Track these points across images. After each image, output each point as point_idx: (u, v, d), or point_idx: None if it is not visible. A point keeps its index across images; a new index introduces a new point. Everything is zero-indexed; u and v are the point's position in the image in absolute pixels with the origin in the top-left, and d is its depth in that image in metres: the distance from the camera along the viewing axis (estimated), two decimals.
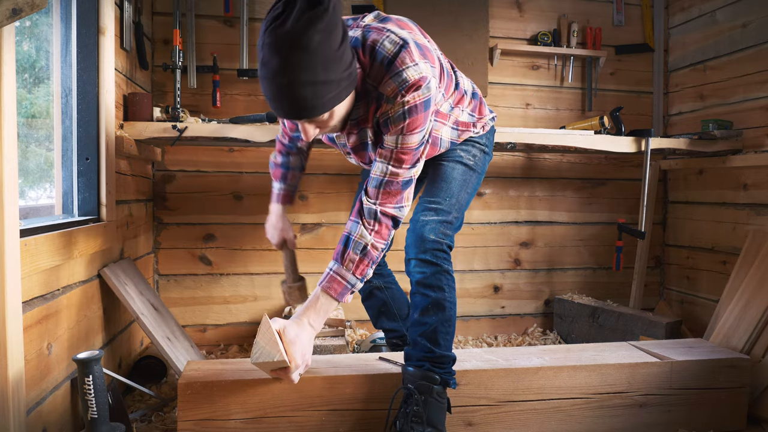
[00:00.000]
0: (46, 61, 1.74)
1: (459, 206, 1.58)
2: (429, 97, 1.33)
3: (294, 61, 1.13)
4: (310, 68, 1.14)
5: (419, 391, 1.39)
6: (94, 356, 1.33)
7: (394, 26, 1.38)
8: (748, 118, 2.48)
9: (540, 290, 2.92)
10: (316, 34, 1.12)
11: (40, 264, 1.35)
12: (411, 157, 1.37)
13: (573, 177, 2.93)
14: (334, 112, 1.28)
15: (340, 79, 1.21)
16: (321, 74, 1.16)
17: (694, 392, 1.70)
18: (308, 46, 1.12)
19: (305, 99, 1.17)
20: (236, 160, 2.60)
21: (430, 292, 1.47)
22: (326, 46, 1.14)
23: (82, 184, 1.82)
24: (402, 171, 1.38)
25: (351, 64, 1.24)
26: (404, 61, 1.29)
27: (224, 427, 1.44)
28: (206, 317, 2.61)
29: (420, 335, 1.45)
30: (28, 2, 1.03)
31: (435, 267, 1.47)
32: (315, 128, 1.31)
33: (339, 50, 1.18)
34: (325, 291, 1.37)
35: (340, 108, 1.29)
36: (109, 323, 1.90)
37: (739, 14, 2.53)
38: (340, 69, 1.20)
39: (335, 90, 1.21)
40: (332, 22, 1.14)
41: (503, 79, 2.83)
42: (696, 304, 2.77)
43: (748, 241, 2.28)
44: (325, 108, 1.22)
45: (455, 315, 1.50)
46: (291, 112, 1.22)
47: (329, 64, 1.17)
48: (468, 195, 1.63)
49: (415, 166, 1.41)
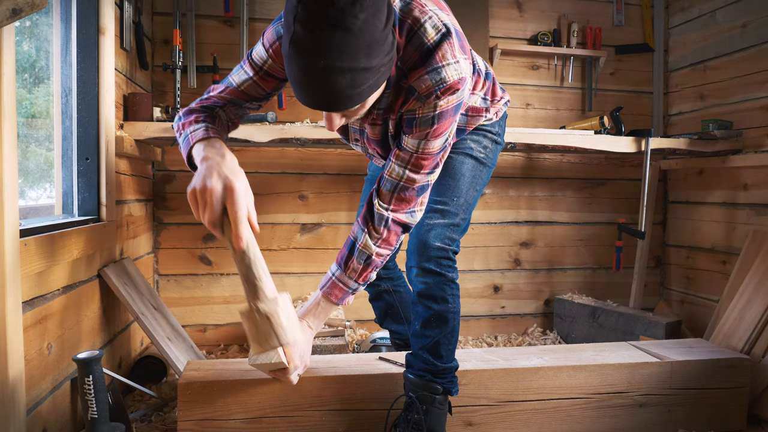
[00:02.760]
0: (46, 61, 1.74)
1: (467, 206, 1.45)
2: (462, 100, 1.22)
3: (335, 42, 0.94)
4: (352, 52, 0.96)
5: (421, 401, 1.37)
6: (94, 356, 1.33)
7: (435, 6, 1.20)
8: (748, 118, 2.48)
9: (540, 290, 2.92)
10: (361, 12, 0.94)
11: (40, 264, 1.35)
12: (431, 162, 1.26)
13: (573, 177, 2.93)
14: (367, 101, 1.12)
15: (381, 64, 1.03)
16: (363, 60, 0.98)
17: (694, 392, 1.70)
18: (352, 26, 0.94)
19: (342, 87, 0.99)
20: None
21: (432, 305, 1.38)
22: (371, 26, 0.96)
23: (82, 184, 1.82)
24: (420, 177, 1.27)
25: (393, 45, 1.06)
26: (445, 55, 1.13)
27: (224, 427, 1.44)
28: (206, 317, 2.61)
29: (422, 348, 1.40)
30: (28, 2, 1.03)
31: (439, 277, 1.38)
32: (341, 117, 1.14)
33: (384, 31, 1.00)
34: (325, 296, 1.35)
35: (373, 97, 1.12)
36: (109, 323, 1.90)
37: (739, 14, 2.53)
38: (382, 53, 1.02)
39: (374, 77, 1.03)
40: (380, 5, 0.99)
41: (503, 79, 2.83)
42: (696, 304, 2.77)
43: (748, 241, 2.28)
44: (362, 98, 1.05)
45: (459, 323, 1.43)
46: (322, 102, 1.03)
47: (373, 47, 0.98)
48: (476, 192, 1.48)
49: (434, 171, 1.30)
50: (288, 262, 2.66)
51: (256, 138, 2.16)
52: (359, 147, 1.50)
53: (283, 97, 2.55)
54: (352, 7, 0.93)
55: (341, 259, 1.34)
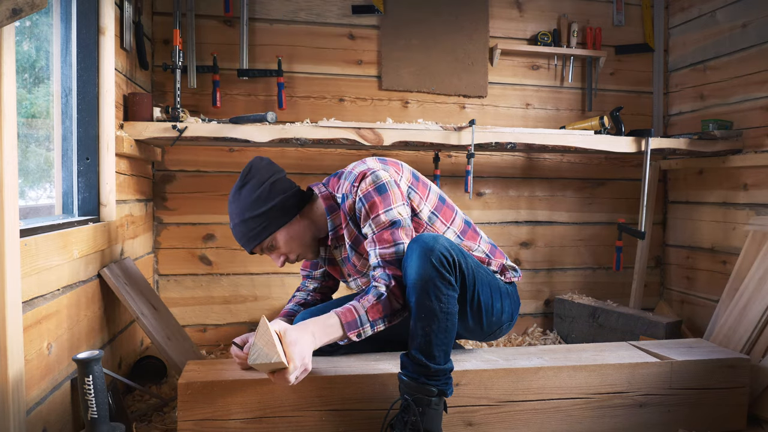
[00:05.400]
0: (46, 61, 1.74)
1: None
2: (381, 182, 1.49)
3: (232, 205, 1.56)
4: (239, 210, 1.53)
5: (416, 404, 1.38)
6: (94, 356, 1.33)
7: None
8: (748, 118, 2.48)
9: (540, 290, 2.92)
10: (242, 190, 1.55)
11: (40, 264, 1.35)
12: (391, 236, 1.46)
13: (573, 177, 2.93)
14: (277, 238, 1.55)
15: (266, 211, 1.52)
16: (246, 213, 1.52)
17: (694, 392, 1.70)
18: (236, 197, 1.55)
19: (242, 233, 1.55)
20: (236, 160, 2.60)
21: (424, 299, 1.37)
22: (249, 193, 1.53)
23: (82, 184, 1.82)
24: (390, 251, 1.46)
25: (279, 201, 1.54)
26: (354, 166, 1.59)
27: (224, 427, 1.44)
28: (206, 317, 2.61)
29: (415, 348, 1.39)
30: (28, 2, 1.03)
31: (435, 272, 1.37)
32: (278, 256, 1.60)
33: (260, 193, 1.53)
34: (336, 314, 1.37)
35: (282, 234, 1.55)
36: (109, 323, 1.90)
37: (739, 14, 2.53)
38: (263, 207, 1.52)
39: (263, 222, 1.52)
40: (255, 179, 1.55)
41: (503, 79, 2.83)
42: (696, 304, 2.77)
43: (748, 241, 2.28)
44: (260, 237, 1.53)
45: (454, 326, 1.41)
46: (244, 245, 1.57)
47: (252, 205, 1.52)
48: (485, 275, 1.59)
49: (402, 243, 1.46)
50: None
51: (256, 138, 2.16)
52: (353, 282, 1.70)
53: (283, 97, 2.56)
54: (237, 189, 1.55)
55: (359, 296, 1.44)
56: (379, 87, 2.72)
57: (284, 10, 2.63)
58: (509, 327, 1.71)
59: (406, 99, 2.75)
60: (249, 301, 2.64)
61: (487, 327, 1.62)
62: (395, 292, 1.42)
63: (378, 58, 2.72)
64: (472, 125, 2.31)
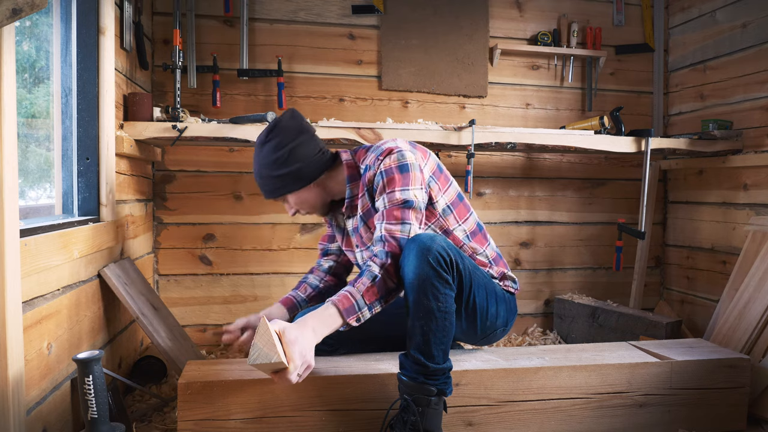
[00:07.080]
0: (46, 61, 1.74)
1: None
2: (405, 162, 1.51)
3: (254, 158, 1.65)
4: (263, 165, 1.61)
5: (416, 403, 1.37)
6: (94, 356, 1.33)
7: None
8: (748, 118, 2.48)
9: (540, 290, 2.92)
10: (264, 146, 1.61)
11: (40, 264, 1.35)
12: (401, 214, 1.47)
13: (573, 177, 2.93)
14: (288, 198, 1.64)
15: (282, 175, 1.58)
16: (268, 170, 1.60)
17: (694, 392, 1.70)
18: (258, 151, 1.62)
19: (259, 184, 1.65)
20: (236, 160, 2.60)
21: (422, 297, 1.36)
22: (269, 154, 1.59)
23: (82, 184, 1.82)
24: (396, 227, 1.46)
25: (296, 168, 1.58)
26: (384, 141, 1.60)
27: (224, 427, 1.44)
28: (206, 317, 2.61)
29: (414, 348, 1.38)
30: (28, 2, 1.03)
31: (432, 271, 1.36)
32: (290, 208, 1.68)
33: (279, 155, 1.58)
34: (333, 303, 1.36)
35: (293, 196, 1.63)
36: (109, 323, 1.90)
37: (739, 14, 2.53)
38: (280, 170, 1.58)
39: (277, 184, 1.60)
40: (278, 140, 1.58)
41: (503, 79, 2.83)
42: (696, 304, 2.77)
43: (748, 241, 2.28)
44: (273, 195, 1.63)
45: (452, 325, 1.40)
46: (261, 192, 1.67)
47: (271, 165, 1.59)
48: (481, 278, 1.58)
49: (410, 224, 1.47)
50: (288, 262, 2.67)
51: (255, 138, 2.15)
52: (359, 253, 1.70)
53: (283, 97, 2.56)
54: (261, 145, 1.61)
55: (352, 281, 1.43)
56: (379, 87, 2.72)
57: (284, 10, 2.63)
58: (503, 333, 1.70)
59: (406, 99, 2.75)
60: (249, 301, 2.64)
61: (481, 330, 1.62)
62: (389, 270, 1.42)
63: (378, 58, 2.72)
64: (472, 125, 2.31)
